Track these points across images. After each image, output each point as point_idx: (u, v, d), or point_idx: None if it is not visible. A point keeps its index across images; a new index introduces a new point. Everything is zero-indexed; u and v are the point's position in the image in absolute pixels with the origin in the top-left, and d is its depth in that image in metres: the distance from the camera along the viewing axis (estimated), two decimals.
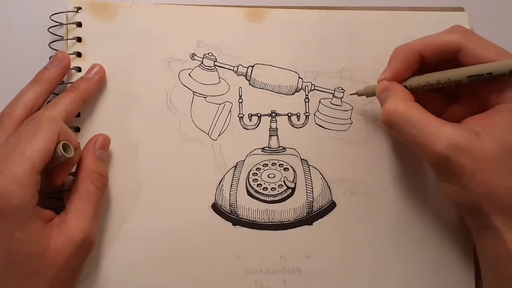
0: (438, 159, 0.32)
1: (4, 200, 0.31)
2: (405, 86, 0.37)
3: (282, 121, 0.41)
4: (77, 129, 0.40)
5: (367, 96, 0.40)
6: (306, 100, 0.41)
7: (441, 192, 0.35)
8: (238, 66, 0.41)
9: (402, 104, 0.34)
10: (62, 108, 0.36)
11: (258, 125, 0.41)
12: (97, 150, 0.37)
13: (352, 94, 0.41)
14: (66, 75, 0.40)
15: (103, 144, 0.38)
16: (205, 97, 0.41)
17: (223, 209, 0.40)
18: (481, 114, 0.34)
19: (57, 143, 0.34)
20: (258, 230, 0.41)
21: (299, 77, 0.41)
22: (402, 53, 0.36)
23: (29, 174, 0.32)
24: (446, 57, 0.35)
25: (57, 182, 0.36)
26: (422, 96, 0.37)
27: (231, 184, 0.41)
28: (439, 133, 0.32)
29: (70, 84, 0.39)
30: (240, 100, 0.41)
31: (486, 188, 0.32)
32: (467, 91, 0.37)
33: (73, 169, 0.37)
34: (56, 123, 0.34)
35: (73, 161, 0.36)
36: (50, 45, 0.40)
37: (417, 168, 0.41)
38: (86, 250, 0.35)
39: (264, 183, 0.41)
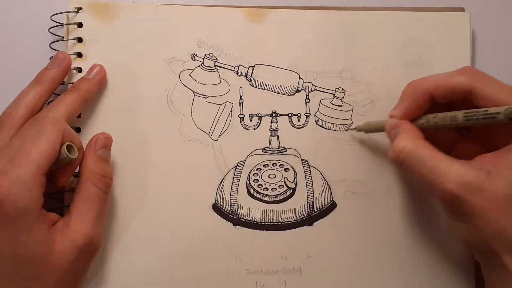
0: (448, 198, 0.32)
1: (10, 202, 0.31)
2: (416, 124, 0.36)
3: (282, 122, 0.41)
4: (78, 130, 0.40)
5: (366, 132, 0.40)
6: (307, 100, 0.41)
7: (451, 229, 0.35)
8: (238, 67, 0.41)
9: (411, 142, 0.34)
10: (64, 109, 0.36)
11: (258, 126, 0.41)
12: (98, 150, 0.36)
13: (352, 129, 0.41)
14: (67, 76, 0.40)
15: (104, 144, 0.37)
16: (206, 98, 0.41)
17: (224, 210, 0.40)
18: (492, 152, 0.33)
19: (61, 144, 0.34)
20: (258, 231, 0.41)
21: (300, 78, 0.41)
22: (413, 93, 0.36)
23: (35, 175, 0.32)
24: (457, 98, 0.35)
25: (61, 183, 0.36)
26: (432, 133, 0.37)
27: (232, 185, 0.41)
28: (449, 171, 0.32)
29: (71, 85, 0.39)
30: (241, 101, 0.41)
31: (496, 228, 0.31)
32: (479, 127, 0.37)
33: (76, 170, 0.37)
34: (60, 125, 0.34)
35: (76, 162, 0.36)
36: (51, 45, 0.40)
37: None
38: (91, 253, 0.35)
39: (265, 184, 0.41)
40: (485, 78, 0.34)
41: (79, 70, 0.40)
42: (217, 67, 0.41)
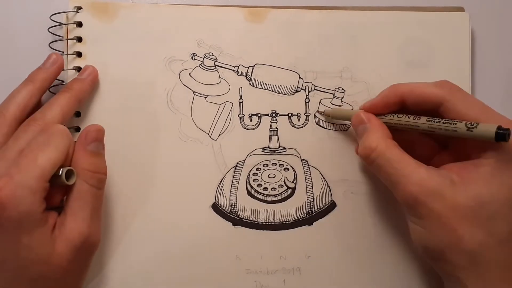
0: (408, 200, 0.33)
1: (13, 206, 0.31)
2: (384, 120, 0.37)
3: (282, 121, 0.41)
4: (77, 129, 0.40)
5: (332, 118, 0.40)
6: (307, 100, 0.41)
7: (411, 233, 0.35)
8: (238, 66, 0.41)
9: (383, 142, 0.35)
10: (59, 109, 0.36)
11: (258, 125, 0.41)
12: (89, 144, 0.35)
13: (320, 112, 0.41)
14: (67, 75, 0.40)
15: (95, 137, 0.35)
16: (206, 97, 0.41)
17: (223, 209, 0.40)
18: (460, 163, 0.34)
19: (61, 167, 0.33)
20: (258, 230, 0.41)
21: (300, 77, 0.41)
22: (387, 91, 0.37)
23: (38, 180, 0.32)
24: (428, 108, 0.35)
25: (53, 203, 0.35)
26: (413, 139, 0.38)
27: (231, 184, 0.41)
28: (414, 174, 0.33)
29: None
30: (241, 100, 0.41)
31: (452, 238, 0.31)
32: (455, 140, 0.37)
33: None
34: (68, 137, 0.34)
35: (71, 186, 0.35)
36: (51, 45, 0.40)
37: None
38: (89, 251, 0.35)
39: (264, 183, 0.41)
40: (459, 94, 0.34)
41: (79, 69, 0.40)
42: (217, 66, 0.41)
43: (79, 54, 0.40)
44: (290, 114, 0.41)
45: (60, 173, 0.33)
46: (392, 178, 0.34)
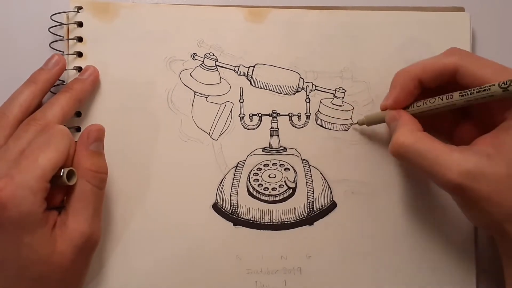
0: (452, 188, 0.32)
1: (14, 206, 0.31)
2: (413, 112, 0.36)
3: (283, 121, 0.41)
4: (78, 129, 0.40)
5: (367, 125, 0.40)
6: (307, 100, 0.41)
7: (467, 217, 0.35)
8: (239, 66, 0.41)
9: (410, 136, 0.34)
10: (59, 108, 0.36)
11: (259, 125, 0.41)
12: (90, 144, 0.35)
13: (354, 124, 0.41)
14: (68, 76, 0.40)
15: (96, 137, 0.36)
16: (206, 97, 0.41)
17: (224, 209, 0.40)
18: (490, 133, 0.34)
19: (62, 168, 0.34)
20: (258, 230, 0.41)
21: (300, 77, 0.41)
22: (401, 80, 0.36)
23: (39, 180, 0.32)
24: (445, 80, 0.35)
25: (54, 203, 0.35)
26: (431, 117, 0.37)
27: (232, 184, 0.41)
28: (450, 161, 0.32)
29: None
30: (241, 100, 0.41)
31: (505, 209, 0.31)
32: (475, 108, 0.37)
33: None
34: (68, 137, 0.34)
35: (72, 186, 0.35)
36: (51, 45, 0.40)
37: None
38: (90, 249, 0.35)
39: (265, 183, 0.41)
40: (470, 57, 0.34)
41: (79, 69, 0.40)
42: (217, 66, 0.41)
43: (79, 54, 0.40)
44: (290, 114, 0.41)
45: (61, 174, 0.33)
46: (428, 170, 0.33)
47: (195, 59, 0.41)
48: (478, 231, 0.41)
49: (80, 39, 0.40)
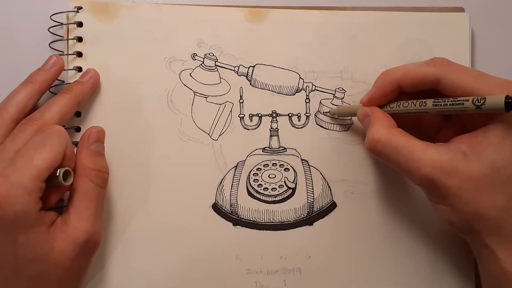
0: (424, 182, 0.33)
1: (8, 205, 0.31)
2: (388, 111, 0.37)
3: (282, 122, 0.41)
4: (78, 129, 0.40)
5: (338, 117, 0.40)
6: (307, 100, 0.41)
7: (435, 212, 0.35)
8: (239, 66, 0.41)
9: (385, 132, 0.34)
10: (57, 110, 0.36)
11: (258, 125, 0.41)
12: (91, 144, 0.36)
13: (325, 113, 0.41)
14: (67, 76, 0.40)
15: (97, 137, 0.37)
16: (206, 97, 0.41)
17: (224, 209, 0.40)
18: (468, 133, 0.34)
19: (59, 168, 0.34)
20: (258, 230, 0.41)
21: (300, 78, 0.41)
22: (381, 80, 0.37)
23: (34, 180, 0.32)
24: (425, 88, 0.35)
25: (50, 203, 0.35)
26: (415, 119, 0.37)
27: (232, 184, 0.41)
28: (424, 156, 0.32)
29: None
30: (241, 100, 0.41)
31: (475, 208, 0.32)
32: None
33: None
34: (65, 137, 0.34)
35: (68, 186, 0.35)
36: (51, 45, 0.40)
37: None
38: (91, 249, 0.35)
39: (265, 183, 0.41)
40: (452, 67, 0.34)
41: (79, 69, 0.40)
42: (217, 66, 0.41)
43: (79, 54, 0.40)
44: (290, 114, 0.41)
45: (57, 174, 0.33)
46: (403, 165, 0.33)
47: (195, 59, 0.41)
48: None
49: (80, 39, 0.40)
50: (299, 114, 0.41)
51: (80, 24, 0.40)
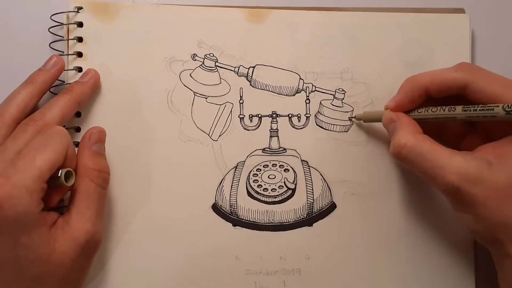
0: (449, 190, 0.32)
1: (10, 206, 0.31)
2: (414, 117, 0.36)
3: (282, 122, 0.41)
4: (78, 129, 0.40)
5: (364, 122, 0.40)
6: (307, 101, 0.41)
7: (459, 221, 0.35)
8: (239, 67, 0.41)
9: (411, 138, 0.34)
10: (58, 110, 0.36)
11: (258, 126, 0.41)
12: (93, 144, 0.36)
13: (351, 118, 0.41)
14: (67, 76, 0.40)
15: (98, 138, 0.37)
16: (206, 98, 0.41)
17: (223, 210, 0.40)
18: (493, 142, 0.34)
19: (60, 168, 0.34)
20: (258, 231, 0.41)
21: (300, 78, 0.41)
22: (408, 86, 0.37)
23: (36, 180, 0.32)
24: (453, 93, 0.35)
25: (51, 204, 0.35)
26: (438, 126, 0.37)
27: (232, 185, 0.41)
28: (450, 163, 0.32)
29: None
30: (241, 101, 0.41)
31: (499, 218, 0.32)
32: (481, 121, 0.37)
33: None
34: (66, 138, 0.34)
35: (69, 187, 0.35)
36: (51, 45, 0.40)
37: None
38: (92, 249, 0.35)
39: (265, 184, 0.41)
40: (480, 73, 0.34)
41: (79, 69, 0.40)
42: (217, 67, 0.41)
43: (79, 54, 0.40)
44: (290, 115, 0.41)
45: (59, 174, 0.33)
46: (429, 172, 0.33)
47: (195, 60, 0.41)
48: None
49: (80, 39, 0.40)
50: (299, 115, 0.41)
51: (80, 24, 0.40)
